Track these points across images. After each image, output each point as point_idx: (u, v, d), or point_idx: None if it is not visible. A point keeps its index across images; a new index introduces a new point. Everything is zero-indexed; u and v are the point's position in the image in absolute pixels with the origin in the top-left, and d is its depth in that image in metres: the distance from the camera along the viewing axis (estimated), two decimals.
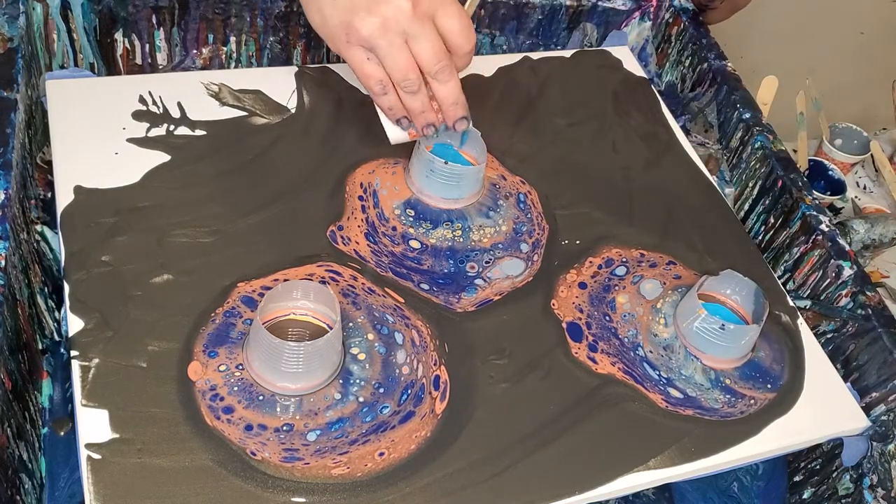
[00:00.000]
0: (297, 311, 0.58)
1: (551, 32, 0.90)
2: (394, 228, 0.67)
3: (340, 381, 0.57)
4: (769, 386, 0.64)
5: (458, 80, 0.63)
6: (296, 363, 0.54)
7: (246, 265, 0.61)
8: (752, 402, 0.63)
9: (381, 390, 0.57)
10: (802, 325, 0.70)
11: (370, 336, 0.59)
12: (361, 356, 0.58)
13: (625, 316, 0.66)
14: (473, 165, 0.70)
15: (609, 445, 0.58)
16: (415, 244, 0.66)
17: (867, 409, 0.67)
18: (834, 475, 0.69)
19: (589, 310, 0.66)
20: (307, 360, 0.54)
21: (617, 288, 0.68)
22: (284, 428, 0.54)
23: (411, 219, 0.67)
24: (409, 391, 0.58)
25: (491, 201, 0.70)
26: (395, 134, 0.67)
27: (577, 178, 0.75)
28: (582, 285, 0.67)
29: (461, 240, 0.67)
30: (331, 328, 0.57)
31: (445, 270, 0.65)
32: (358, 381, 0.57)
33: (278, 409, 0.54)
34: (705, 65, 0.87)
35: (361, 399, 0.56)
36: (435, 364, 0.60)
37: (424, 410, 0.57)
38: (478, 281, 0.65)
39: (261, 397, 0.55)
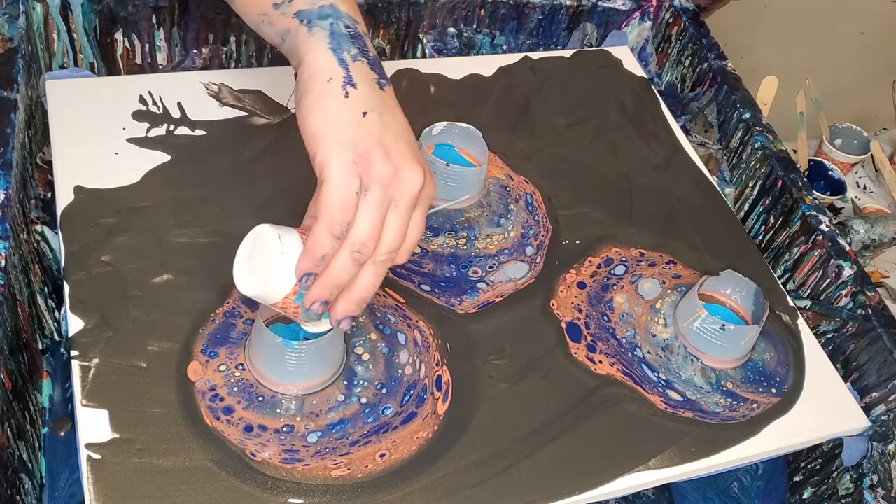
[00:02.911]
0: None
1: (551, 32, 0.90)
2: None
3: (345, 383, 0.57)
4: (773, 390, 0.64)
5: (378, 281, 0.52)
6: (298, 362, 0.54)
7: None
8: (755, 405, 0.63)
9: (384, 391, 0.57)
10: (802, 325, 0.70)
11: (373, 336, 0.59)
12: (366, 356, 0.58)
13: (623, 316, 0.66)
14: (475, 166, 0.70)
15: (609, 445, 0.58)
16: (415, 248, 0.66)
17: (867, 409, 0.67)
18: (834, 475, 0.69)
19: (587, 310, 0.66)
20: (309, 359, 0.54)
21: (615, 287, 0.68)
22: (284, 429, 0.54)
23: None
24: (412, 392, 0.58)
25: (502, 207, 0.70)
26: (315, 324, 0.54)
27: (577, 178, 0.75)
28: (581, 285, 0.67)
29: (465, 247, 0.67)
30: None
31: (447, 275, 0.65)
32: (362, 381, 0.57)
33: (278, 410, 0.54)
34: (705, 65, 0.87)
35: (364, 400, 0.56)
36: (437, 364, 0.60)
37: (427, 411, 0.57)
38: (480, 284, 0.65)
39: (260, 398, 0.54)
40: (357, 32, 0.53)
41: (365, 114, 0.50)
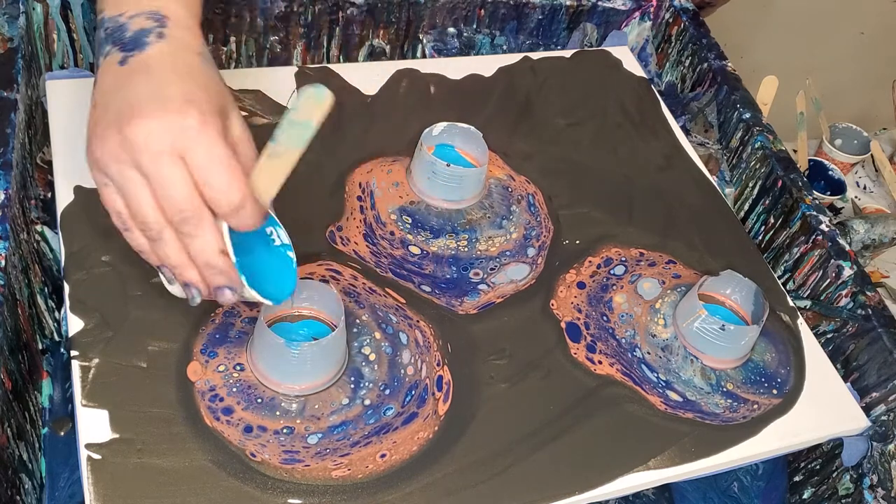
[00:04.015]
0: (301, 311, 0.58)
1: (551, 32, 0.90)
2: (392, 233, 0.67)
3: (351, 386, 0.56)
4: (774, 391, 0.64)
5: (216, 237, 0.47)
6: (300, 362, 0.54)
7: None
8: (756, 406, 0.63)
9: (387, 392, 0.57)
10: (802, 325, 0.70)
11: (377, 335, 0.59)
12: (372, 356, 0.58)
13: (622, 316, 0.66)
14: (475, 167, 0.70)
15: (609, 445, 0.58)
16: (415, 250, 0.66)
17: (867, 409, 0.67)
18: (834, 475, 0.69)
19: (587, 310, 0.66)
20: (312, 360, 0.54)
21: (615, 287, 0.68)
22: (284, 430, 0.54)
23: (409, 225, 0.67)
24: (414, 392, 0.58)
25: (504, 208, 0.70)
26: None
27: (577, 178, 0.75)
28: (580, 285, 0.67)
29: (466, 250, 0.67)
30: (335, 327, 0.57)
31: (448, 276, 0.65)
32: (367, 384, 0.57)
33: (278, 412, 0.54)
34: (705, 65, 0.87)
35: (367, 402, 0.56)
36: (438, 364, 0.60)
37: (428, 412, 0.57)
38: (481, 286, 0.65)
39: (259, 399, 0.54)
40: (116, 26, 0.50)
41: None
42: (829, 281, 0.72)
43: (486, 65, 0.82)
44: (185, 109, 0.46)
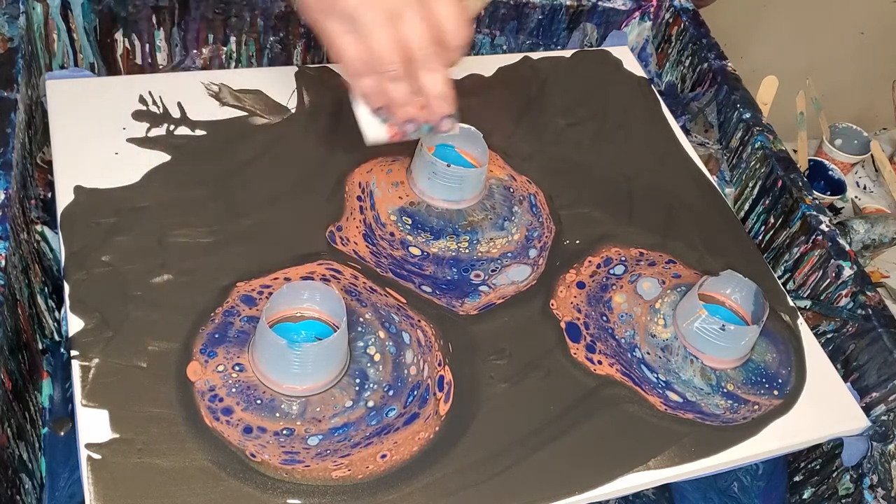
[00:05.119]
0: (303, 311, 0.58)
1: (551, 32, 0.90)
2: (392, 234, 0.67)
3: (356, 388, 0.56)
4: (776, 392, 0.64)
5: (446, 74, 0.58)
6: (302, 363, 0.54)
7: (245, 265, 0.61)
8: (756, 407, 0.63)
9: (391, 393, 0.57)
10: (802, 325, 0.70)
11: (381, 334, 0.59)
12: (377, 356, 0.58)
13: (622, 316, 0.66)
14: (475, 167, 0.70)
15: (609, 445, 0.58)
16: (415, 251, 0.66)
17: (867, 409, 0.67)
18: (834, 475, 0.69)
19: (587, 310, 0.66)
20: (314, 361, 0.54)
21: (614, 287, 0.68)
22: (284, 432, 0.54)
23: (409, 226, 0.67)
24: (416, 392, 0.58)
25: (506, 209, 0.70)
26: (374, 132, 0.62)
27: (577, 178, 0.75)
28: (580, 285, 0.67)
29: (467, 251, 0.67)
30: (337, 328, 0.57)
31: (448, 278, 0.65)
32: (372, 385, 0.57)
33: (277, 413, 0.54)
34: (705, 65, 0.87)
35: (371, 404, 0.56)
36: (439, 364, 0.60)
37: (429, 412, 0.57)
38: (482, 288, 0.65)
39: (259, 401, 0.54)
40: None
41: None
42: (829, 281, 0.72)
43: (486, 65, 0.82)
44: None
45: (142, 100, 0.69)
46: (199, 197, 0.64)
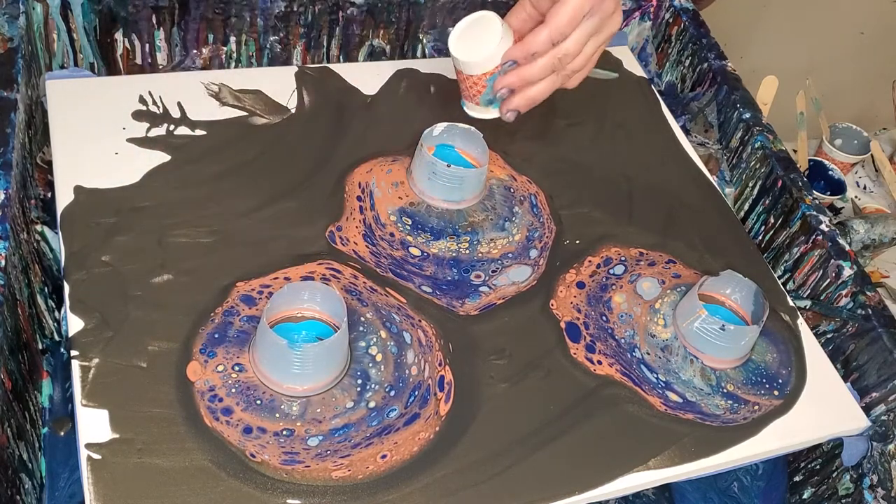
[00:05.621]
0: (304, 311, 0.58)
1: None
2: (392, 234, 0.67)
3: (357, 389, 0.56)
4: (776, 392, 0.64)
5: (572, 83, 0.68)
6: (303, 364, 0.54)
7: (245, 265, 0.61)
8: (757, 407, 0.63)
9: (392, 393, 0.57)
10: (802, 325, 0.70)
11: (383, 334, 0.59)
12: (379, 356, 0.58)
13: (622, 316, 0.66)
14: (476, 167, 0.70)
15: (609, 445, 0.58)
16: (415, 251, 0.66)
17: (867, 409, 0.67)
18: (834, 475, 0.69)
19: (586, 310, 0.66)
20: (315, 361, 0.54)
21: (614, 287, 0.67)
22: (284, 432, 0.54)
23: (408, 227, 0.67)
24: (416, 392, 0.58)
25: (507, 210, 0.70)
26: (483, 111, 0.69)
27: (577, 178, 0.75)
28: (580, 285, 0.67)
29: (467, 252, 0.67)
30: (337, 328, 0.57)
31: (449, 278, 0.65)
32: (373, 385, 0.57)
33: (277, 414, 0.54)
34: (705, 65, 0.87)
35: (372, 405, 0.56)
36: (440, 364, 0.60)
37: (429, 412, 0.57)
38: (483, 288, 0.65)
39: (259, 401, 0.54)
40: None
41: None
42: (829, 281, 0.72)
43: None
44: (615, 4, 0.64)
45: (142, 100, 0.69)
46: (199, 197, 0.65)
